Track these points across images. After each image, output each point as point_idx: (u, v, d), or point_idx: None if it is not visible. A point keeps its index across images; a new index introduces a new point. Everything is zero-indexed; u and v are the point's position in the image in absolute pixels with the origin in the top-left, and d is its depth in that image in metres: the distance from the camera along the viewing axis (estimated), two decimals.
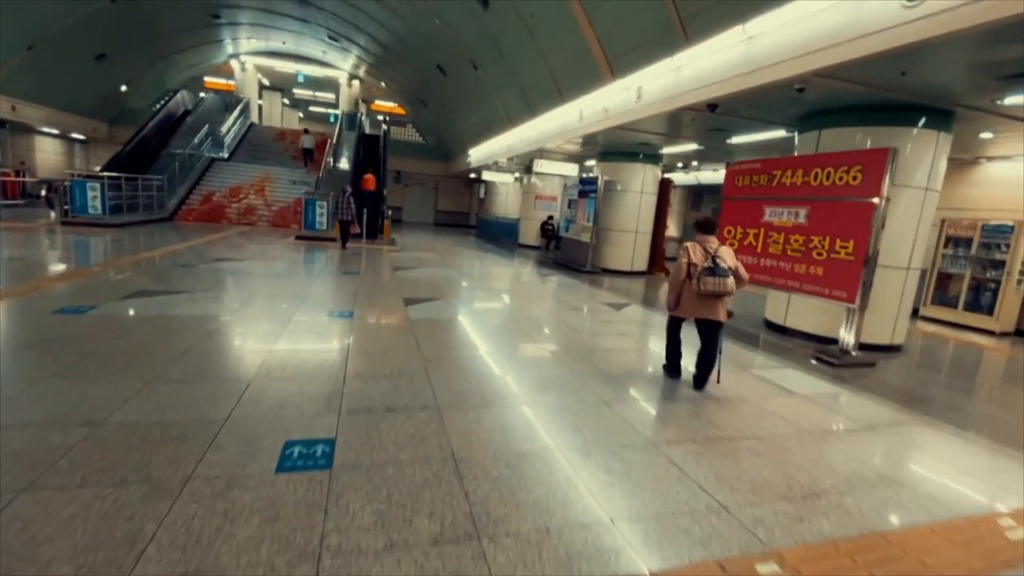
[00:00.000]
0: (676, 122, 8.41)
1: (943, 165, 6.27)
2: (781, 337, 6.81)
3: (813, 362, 5.69)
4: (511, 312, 6.80)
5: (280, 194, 18.10)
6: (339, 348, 4.46)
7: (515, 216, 19.98)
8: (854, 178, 5.60)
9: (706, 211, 18.70)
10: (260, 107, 28.70)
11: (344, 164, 19.98)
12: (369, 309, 6.18)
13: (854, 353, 5.66)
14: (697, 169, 15.39)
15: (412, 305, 6.50)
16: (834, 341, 6.47)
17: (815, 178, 6.08)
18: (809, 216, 6.15)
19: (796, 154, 7.22)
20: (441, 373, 4.04)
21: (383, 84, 26.36)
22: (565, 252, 13.61)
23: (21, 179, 17.29)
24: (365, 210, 14.25)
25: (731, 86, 6.00)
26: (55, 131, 19.94)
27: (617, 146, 11.67)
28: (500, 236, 20.01)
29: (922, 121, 5.99)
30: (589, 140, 11.38)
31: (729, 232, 7.43)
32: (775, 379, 4.78)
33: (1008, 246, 8.45)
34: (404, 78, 22.62)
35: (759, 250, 6.88)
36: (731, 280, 3.93)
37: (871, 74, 5.00)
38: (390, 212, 15.56)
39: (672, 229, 18.73)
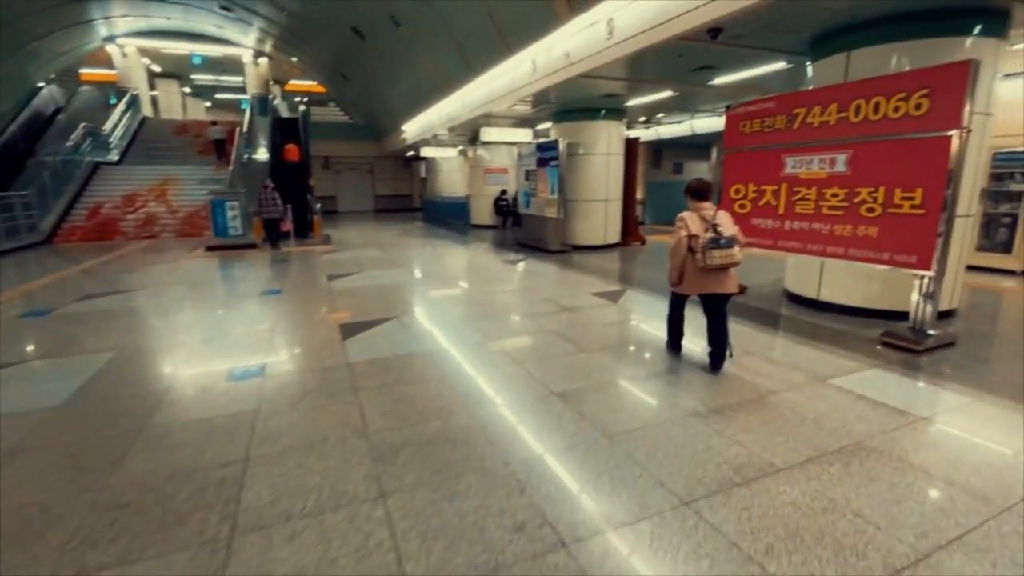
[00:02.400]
0: (658, 61, 6.87)
1: (998, 82, 5.09)
2: (817, 314, 5.58)
3: (879, 348, 4.46)
4: (487, 327, 5.20)
5: (187, 197, 15.42)
6: (232, 453, 2.74)
7: (464, 194, 18.13)
8: (917, 107, 4.27)
9: (667, 168, 17.53)
10: (154, 98, 25.02)
11: (261, 154, 17.35)
12: (289, 354, 4.42)
13: (932, 332, 4.47)
14: (659, 123, 14.04)
15: (352, 337, 4.77)
16: (888, 315, 5.30)
17: (856, 113, 4.73)
18: (851, 162, 4.83)
19: (811, 88, 5.87)
20: (405, 490, 2.41)
21: (295, 60, 23.31)
22: (527, 230, 12.02)
23: None
24: (289, 206, 12.07)
25: None
26: None
27: (575, 102, 10.06)
28: (449, 217, 18.15)
29: (978, 28, 4.73)
30: (542, 98, 9.71)
31: (737, 192, 6.07)
32: (866, 391, 3.47)
33: None
34: (317, 49, 19.84)
35: (782, 211, 5.55)
36: (737, 250, 3.61)
37: None
38: (319, 206, 13.37)
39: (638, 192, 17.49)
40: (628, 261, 9.68)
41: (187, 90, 28.22)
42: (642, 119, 12.76)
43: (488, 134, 11.60)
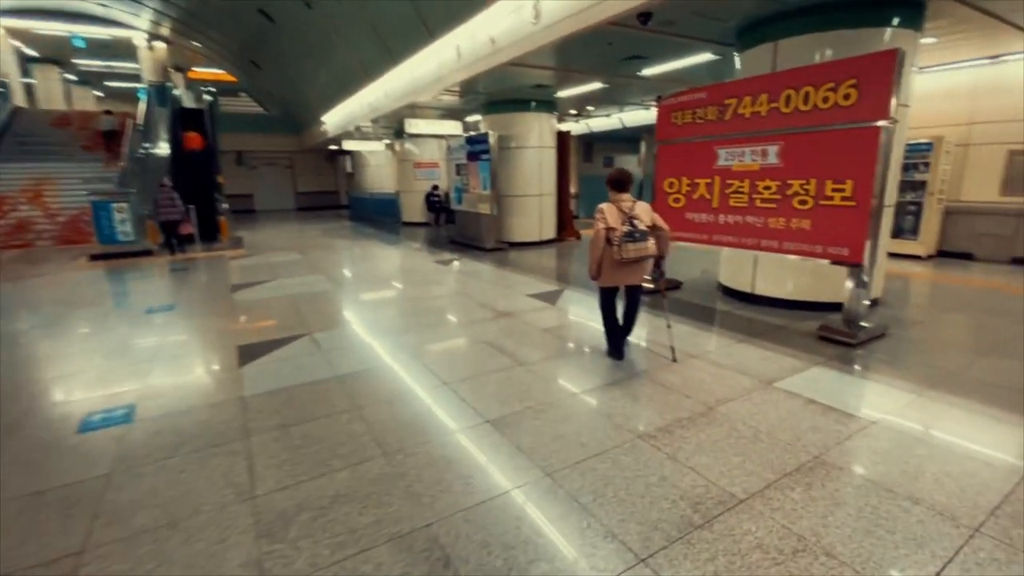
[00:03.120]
0: (587, 49, 6.57)
1: (914, 75, 5.20)
2: (752, 308, 5.53)
3: (816, 342, 4.40)
4: (413, 341, 4.68)
5: (68, 198, 13.49)
6: (63, 543, 2.08)
7: (394, 190, 17.26)
8: (846, 96, 4.20)
9: (598, 162, 17.58)
10: (29, 86, 21.94)
11: (160, 149, 15.55)
12: (168, 390, 3.68)
13: (865, 324, 4.46)
14: (589, 116, 13.94)
15: (252, 363, 4.08)
16: (821, 306, 5.32)
17: (787, 103, 4.63)
18: (783, 154, 4.74)
19: (742, 78, 5.77)
20: None
21: (198, 45, 21.19)
22: (461, 228, 11.51)
23: None
24: (192, 207, 10.78)
25: None
26: None
27: (504, 93, 9.63)
28: (379, 215, 17.23)
29: (896, 19, 4.76)
30: (469, 88, 9.21)
31: (671, 186, 5.91)
32: (814, 393, 3.32)
33: (927, 165, 8.04)
34: (222, 34, 18.09)
35: (716, 204, 5.43)
36: (651, 242, 3.66)
37: None
38: (226, 205, 12.10)
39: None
40: (564, 258, 9.43)
41: (72, 77, 25.02)
42: (572, 112, 12.57)
43: (414, 126, 10.93)
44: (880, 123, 3.99)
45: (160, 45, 21.62)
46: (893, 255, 8.20)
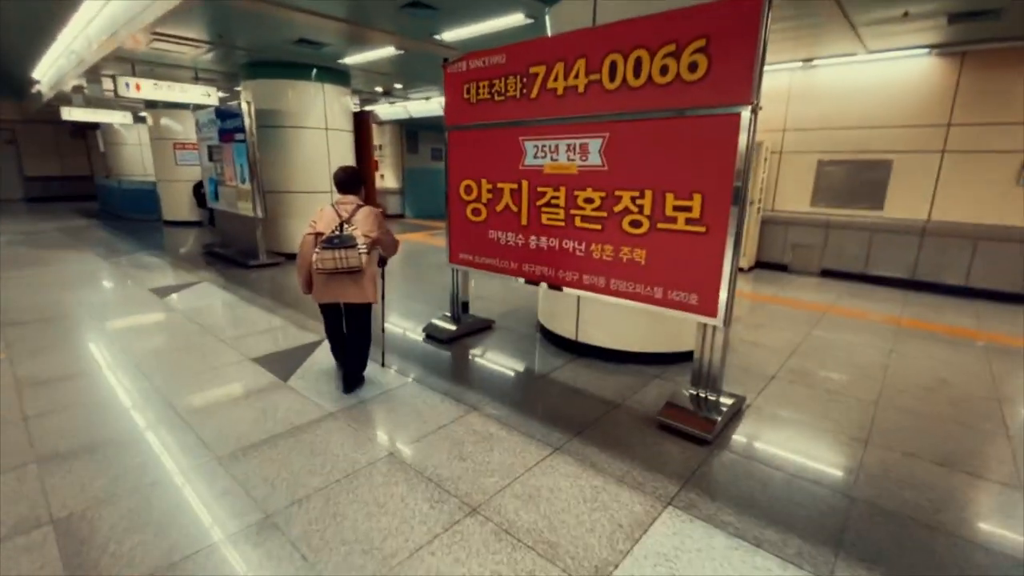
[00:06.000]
0: None
1: None
2: (577, 363, 4.01)
3: (658, 432, 2.96)
4: None
5: None
6: None
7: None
8: (692, 66, 2.75)
9: (426, 154, 15.55)
10: None
11: None
12: None
13: (724, 402, 3.13)
14: (404, 97, 11.78)
15: None
16: (663, 359, 4.00)
17: (612, 75, 3.08)
18: (608, 152, 3.20)
19: (551, 35, 4.17)
20: None
21: None
22: (222, 234, 8.55)
23: None
24: None
25: None
26: None
27: (269, 50, 6.99)
28: (132, 211, 12.94)
29: None
30: (218, 36, 6.44)
31: (469, 191, 4.14)
32: None
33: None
34: None
35: (525, 222, 3.77)
36: (356, 252, 3.04)
37: None
38: None
39: (392, 180, 15.09)
40: None
41: None
42: (378, 89, 10.27)
43: (126, 86, 7.53)
44: (741, 109, 2.60)
45: None
46: None
